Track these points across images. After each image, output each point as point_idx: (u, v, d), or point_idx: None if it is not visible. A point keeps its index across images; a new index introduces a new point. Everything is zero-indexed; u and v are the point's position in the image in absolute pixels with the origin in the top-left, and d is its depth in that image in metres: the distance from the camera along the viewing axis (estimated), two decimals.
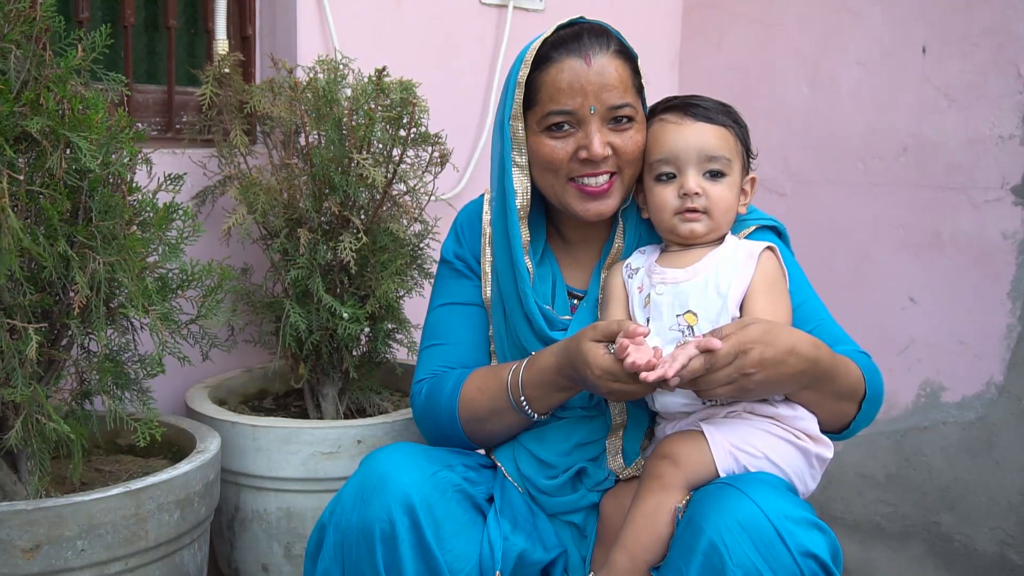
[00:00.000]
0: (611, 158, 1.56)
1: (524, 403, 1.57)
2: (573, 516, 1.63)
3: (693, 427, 1.48)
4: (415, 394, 1.70)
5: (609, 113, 1.55)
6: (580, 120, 1.56)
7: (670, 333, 1.49)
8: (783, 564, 1.27)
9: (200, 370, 2.01)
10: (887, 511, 2.70)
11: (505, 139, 1.62)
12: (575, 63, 1.55)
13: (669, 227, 1.56)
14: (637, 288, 1.56)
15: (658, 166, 1.57)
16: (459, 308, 1.73)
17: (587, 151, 1.55)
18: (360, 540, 1.42)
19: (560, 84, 1.55)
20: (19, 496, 1.62)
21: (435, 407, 1.65)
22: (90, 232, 1.54)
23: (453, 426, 1.63)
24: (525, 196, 1.64)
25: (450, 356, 1.70)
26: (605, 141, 1.55)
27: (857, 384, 1.51)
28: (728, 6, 3.04)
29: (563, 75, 1.55)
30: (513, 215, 1.63)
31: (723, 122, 1.55)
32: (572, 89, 1.54)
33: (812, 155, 2.83)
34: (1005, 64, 2.44)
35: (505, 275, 1.67)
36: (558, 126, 1.57)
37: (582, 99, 1.54)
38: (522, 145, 1.62)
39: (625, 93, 1.56)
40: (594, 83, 1.54)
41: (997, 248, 2.48)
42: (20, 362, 1.49)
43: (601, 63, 1.55)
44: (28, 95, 1.50)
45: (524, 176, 1.63)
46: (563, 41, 1.57)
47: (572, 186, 1.59)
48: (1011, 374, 2.47)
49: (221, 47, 2.27)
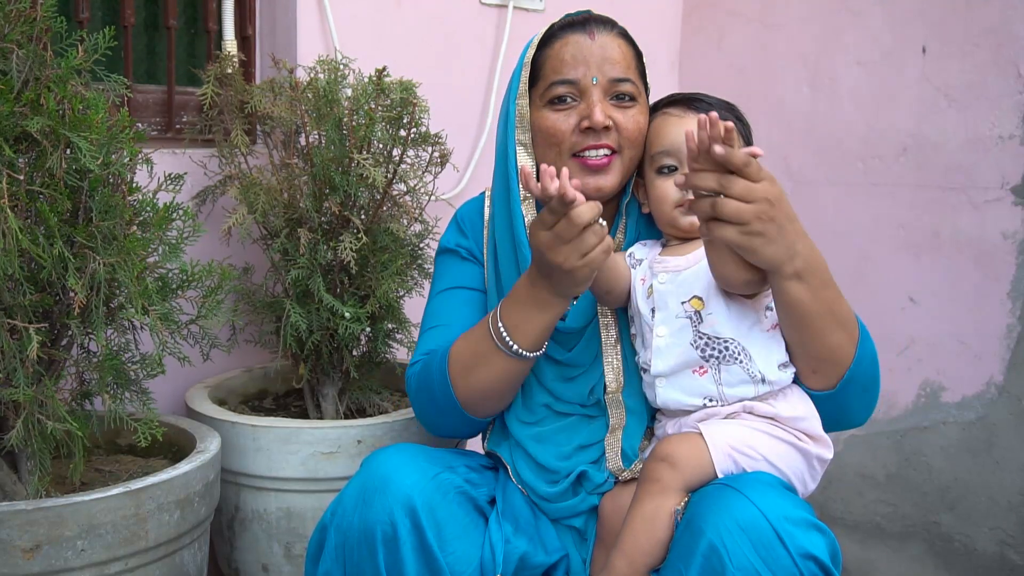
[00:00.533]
0: (612, 133, 1.57)
1: (506, 336, 1.51)
2: (574, 520, 1.62)
3: (692, 428, 1.48)
4: (409, 376, 1.66)
5: (611, 87, 1.57)
6: (582, 91, 1.57)
7: (677, 321, 1.49)
8: (782, 566, 1.27)
9: (200, 370, 2.01)
10: (887, 511, 2.70)
11: (510, 119, 1.63)
12: (579, 37, 1.59)
13: (669, 219, 1.57)
14: (640, 280, 1.56)
15: (659, 158, 1.57)
16: (462, 292, 1.72)
17: (589, 120, 1.56)
18: (362, 542, 1.42)
19: (564, 56, 1.58)
20: (19, 496, 1.62)
21: (428, 374, 1.61)
22: (90, 232, 1.54)
23: (444, 386, 1.58)
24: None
25: (450, 337, 1.64)
26: (607, 112, 1.56)
27: (851, 315, 1.46)
28: (728, 6, 3.04)
29: (567, 48, 1.58)
30: (516, 195, 1.64)
31: (725, 118, 1.55)
32: (575, 60, 1.57)
33: (812, 155, 2.83)
34: (1005, 64, 2.44)
35: (507, 258, 1.66)
36: (561, 99, 1.58)
37: (584, 69, 1.56)
38: (526, 122, 1.63)
39: (628, 69, 1.59)
40: (597, 55, 1.57)
41: (997, 248, 2.48)
42: (21, 362, 1.50)
43: (605, 39, 1.58)
44: (28, 95, 1.50)
45: (528, 155, 1.63)
46: (570, 23, 1.62)
47: (574, 160, 1.59)
48: (1011, 374, 2.47)
49: (230, 47, 2.27)
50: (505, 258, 1.67)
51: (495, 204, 1.71)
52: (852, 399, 1.51)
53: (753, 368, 1.47)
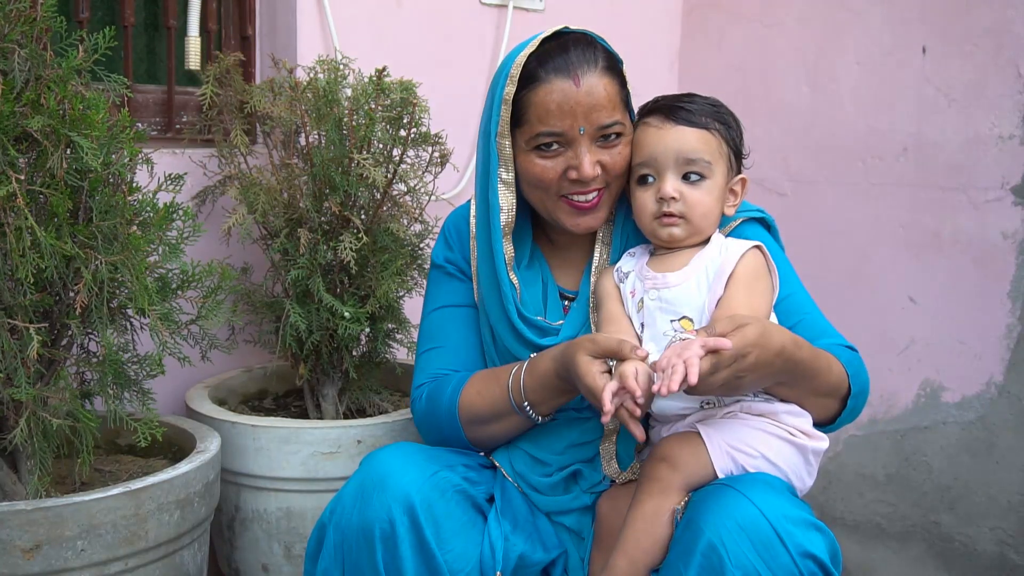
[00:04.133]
0: (600, 175, 1.57)
1: (528, 408, 1.57)
2: (564, 518, 1.63)
3: (689, 429, 1.48)
4: (415, 399, 1.70)
5: (598, 132, 1.55)
6: (570, 140, 1.55)
7: (664, 338, 1.49)
8: (782, 565, 1.27)
9: (200, 370, 2.01)
10: (887, 511, 2.70)
11: (491, 156, 1.62)
12: (564, 84, 1.53)
13: (649, 231, 1.57)
14: (630, 292, 1.56)
15: (638, 169, 1.57)
16: (454, 310, 1.73)
17: (577, 172, 1.55)
18: (360, 540, 1.42)
19: (549, 106, 1.54)
20: (19, 496, 1.62)
21: (435, 411, 1.65)
22: (91, 232, 1.54)
23: (454, 430, 1.63)
24: (510, 213, 1.63)
25: (448, 359, 1.70)
26: (594, 161, 1.55)
27: (839, 382, 1.51)
28: (728, 6, 3.04)
29: (552, 97, 1.53)
30: (497, 232, 1.63)
31: (705, 124, 1.54)
32: (562, 111, 1.53)
33: (812, 155, 2.83)
34: (1005, 64, 2.44)
35: (489, 290, 1.67)
36: (547, 146, 1.57)
37: (571, 121, 1.53)
38: (509, 163, 1.61)
39: (614, 111, 1.55)
40: (583, 104, 1.53)
41: (997, 248, 2.48)
42: (22, 362, 1.50)
43: (590, 83, 1.53)
44: (29, 95, 1.50)
45: (510, 192, 1.63)
46: (549, 57, 1.55)
47: (564, 202, 1.59)
48: (1011, 374, 2.47)
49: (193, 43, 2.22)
50: (487, 286, 1.68)
51: (478, 231, 1.70)
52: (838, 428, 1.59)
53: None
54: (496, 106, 1.59)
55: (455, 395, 1.62)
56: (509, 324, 1.64)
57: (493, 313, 1.66)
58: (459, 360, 1.69)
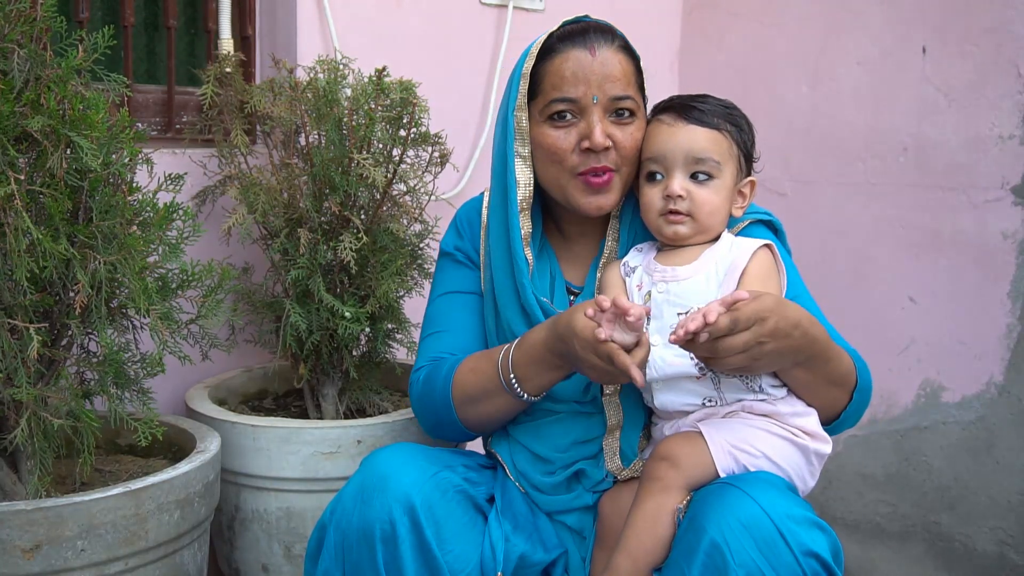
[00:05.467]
0: (611, 152, 1.57)
1: (515, 382, 1.55)
2: (566, 517, 1.63)
3: (691, 428, 1.48)
4: (413, 382, 1.69)
5: (611, 104, 1.56)
6: (582, 109, 1.57)
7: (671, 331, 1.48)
8: (785, 563, 1.27)
9: (200, 370, 2.01)
10: (887, 511, 2.70)
11: (508, 130, 1.63)
12: (580, 53, 1.56)
13: (655, 227, 1.57)
14: (636, 286, 1.56)
15: (647, 165, 1.57)
16: (460, 296, 1.73)
17: (589, 140, 1.55)
18: (361, 540, 1.42)
19: (564, 73, 1.56)
20: (19, 496, 1.62)
21: (431, 391, 1.64)
22: (91, 232, 1.54)
23: (447, 409, 1.62)
24: (528, 188, 1.64)
25: (450, 343, 1.69)
26: (606, 132, 1.56)
27: (849, 372, 1.51)
28: (728, 6, 3.04)
29: (567, 64, 1.56)
30: (514, 207, 1.63)
31: (717, 125, 1.54)
32: (576, 78, 1.56)
33: (812, 155, 2.83)
34: (1005, 64, 2.44)
35: (502, 268, 1.67)
36: (560, 115, 1.58)
37: (585, 88, 1.55)
38: (525, 136, 1.62)
39: (628, 86, 1.57)
40: (597, 73, 1.55)
41: (997, 248, 2.48)
42: (22, 362, 1.50)
43: (605, 55, 1.56)
44: (29, 95, 1.50)
45: (527, 167, 1.63)
46: (569, 35, 1.59)
47: (577, 179, 1.59)
48: (1011, 374, 2.47)
49: (226, 46, 2.27)
50: (500, 266, 1.68)
51: (492, 213, 1.71)
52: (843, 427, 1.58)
53: (752, 383, 1.47)
54: (515, 82, 1.62)
55: (450, 373, 1.62)
56: (518, 303, 1.63)
57: (503, 295, 1.66)
58: (460, 345, 1.69)
